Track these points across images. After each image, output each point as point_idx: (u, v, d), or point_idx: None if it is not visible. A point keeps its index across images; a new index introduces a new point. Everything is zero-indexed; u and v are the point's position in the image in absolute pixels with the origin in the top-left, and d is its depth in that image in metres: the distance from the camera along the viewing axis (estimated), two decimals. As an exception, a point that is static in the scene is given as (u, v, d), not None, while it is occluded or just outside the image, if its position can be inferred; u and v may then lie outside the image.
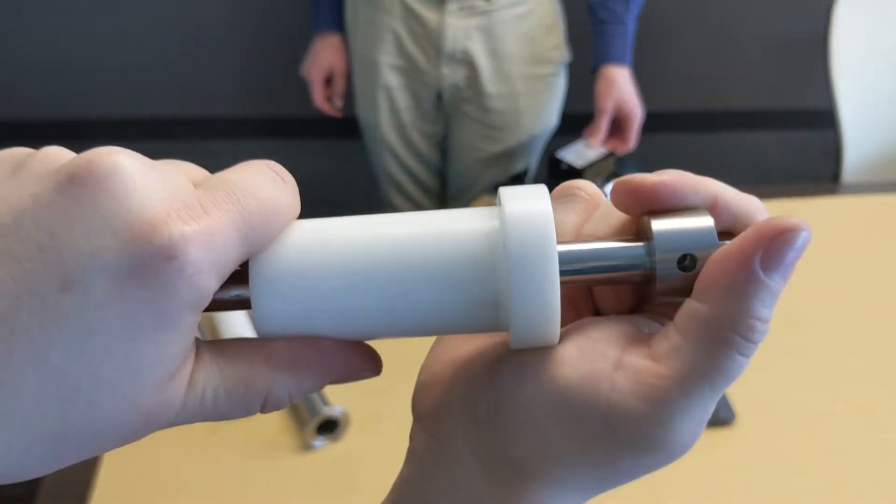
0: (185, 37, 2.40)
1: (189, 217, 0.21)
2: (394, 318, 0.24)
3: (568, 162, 1.12)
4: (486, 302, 0.24)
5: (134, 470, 0.80)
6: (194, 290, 0.20)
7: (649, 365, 0.23)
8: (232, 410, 0.23)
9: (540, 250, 0.23)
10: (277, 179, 0.23)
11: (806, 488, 0.79)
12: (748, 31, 2.54)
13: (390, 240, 0.24)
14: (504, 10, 1.30)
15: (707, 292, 0.23)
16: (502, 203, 0.24)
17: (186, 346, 0.21)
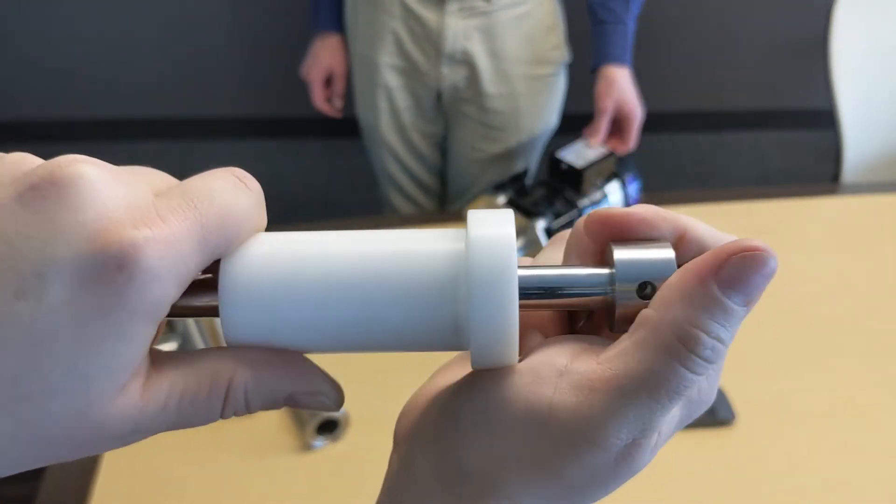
0: (185, 37, 2.40)
1: (144, 225, 0.21)
2: (356, 334, 0.25)
3: (568, 162, 1.12)
4: (448, 322, 0.24)
5: (134, 470, 0.80)
6: (147, 299, 0.21)
7: (593, 367, 0.24)
8: (198, 415, 0.23)
9: (501, 274, 0.23)
10: (239, 184, 0.23)
11: (806, 488, 0.79)
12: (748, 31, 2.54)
13: (358, 257, 0.24)
14: (504, 10, 1.30)
15: (661, 300, 0.23)
16: (468, 226, 0.25)
17: (140, 356, 0.21)
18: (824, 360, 0.96)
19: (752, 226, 1.22)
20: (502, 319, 0.24)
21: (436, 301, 0.24)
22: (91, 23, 2.33)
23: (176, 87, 2.48)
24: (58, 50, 2.36)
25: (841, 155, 1.57)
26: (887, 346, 0.98)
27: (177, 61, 2.43)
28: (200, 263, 0.22)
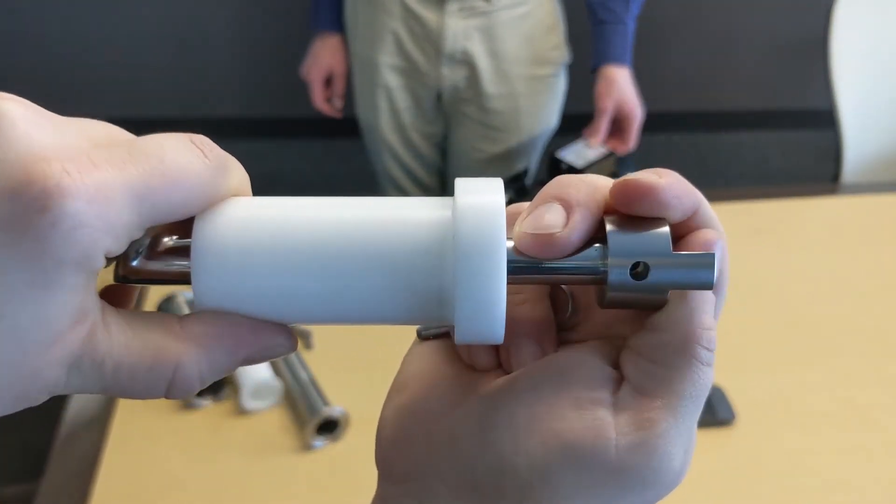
0: (185, 37, 2.40)
1: (74, 169, 0.19)
2: (336, 303, 0.24)
3: (568, 162, 1.12)
4: (432, 292, 0.23)
5: (134, 470, 0.80)
6: (73, 246, 0.19)
7: (641, 400, 0.24)
8: (134, 388, 0.22)
9: (488, 243, 0.22)
10: (194, 150, 0.22)
11: (806, 488, 0.79)
12: (748, 31, 2.54)
13: (339, 221, 0.23)
14: (504, 10, 1.30)
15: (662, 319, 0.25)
16: (456, 193, 0.24)
17: (75, 308, 0.20)
18: (824, 360, 0.95)
19: (752, 226, 1.21)
20: (490, 292, 0.22)
21: (420, 270, 0.23)
22: (91, 23, 2.33)
23: (176, 87, 2.48)
24: (57, 50, 2.36)
25: (841, 155, 1.57)
26: (887, 346, 0.98)
27: (177, 61, 2.43)
28: (138, 221, 0.21)
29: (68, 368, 0.21)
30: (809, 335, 1.00)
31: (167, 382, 0.22)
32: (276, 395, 0.86)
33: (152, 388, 0.22)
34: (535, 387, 0.25)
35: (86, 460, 0.81)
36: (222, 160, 0.23)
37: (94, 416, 0.86)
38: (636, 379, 0.24)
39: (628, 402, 0.24)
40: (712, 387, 0.88)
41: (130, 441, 0.83)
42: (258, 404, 0.86)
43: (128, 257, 0.23)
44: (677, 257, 0.24)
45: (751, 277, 1.09)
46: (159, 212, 0.21)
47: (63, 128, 0.21)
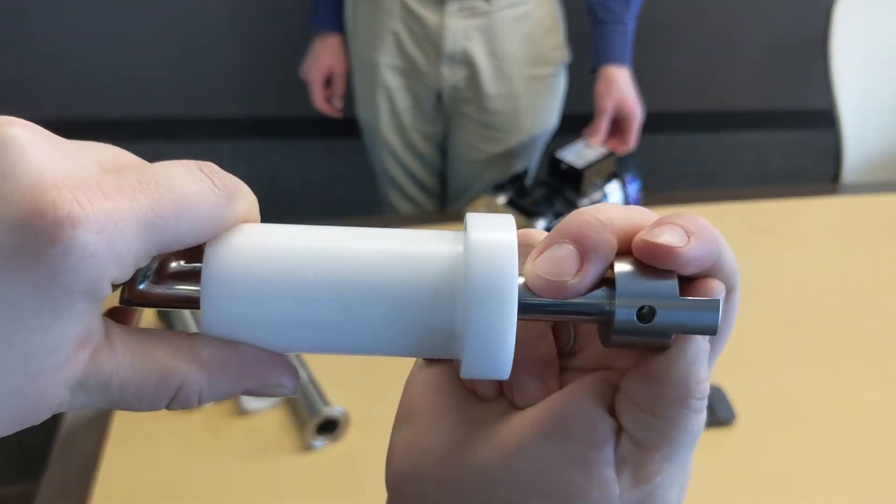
0: (185, 37, 2.40)
1: (84, 199, 0.19)
2: (345, 335, 0.24)
3: (568, 162, 1.12)
4: (441, 328, 0.23)
5: (134, 470, 0.80)
6: (82, 276, 0.19)
7: (640, 453, 0.24)
8: (140, 404, 0.22)
9: (500, 283, 0.23)
10: (203, 178, 0.22)
11: (806, 488, 0.79)
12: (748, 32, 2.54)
13: (350, 254, 0.23)
14: (504, 10, 1.30)
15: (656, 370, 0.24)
16: (467, 229, 0.24)
17: (80, 334, 0.20)
18: (824, 360, 0.95)
19: (752, 226, 1.22)
20: (499, 330, 0.23)
21: (430, 306, 0.23)
22: (91, 23, 2.33)
23: (176, 87, 2.48)
24: (57, 50, 2.36)
25: (841, 155, 1.57)
26: (887, 346, 0.98)
27: (177, 61, 2.43)
28: (146, 250, 0.21)
29: (72, 389, 0.21)
30: (809, 335, 1.00)
31: (170, 398, 0.23)
32: (276, 395, 0.86)
33: (156, 403, 0.23)
34: (541, 446, 0.25)
35: (86, 460, 0.81)
36: (231, 188, 0.23)
37: (94, 416, 0.86)
38: (635, 431, 0.25)
39: (629, 456, 0.24)
40: (712, 387, 0.88)
41: (130, 441, 0.83)
42: (258, 404, 0.86)
43: (134, 281, 0.24)
44: (683, 301, 0.24)
45: (751, 277, 1.09)
46: (167, 240, 0.21)
47: (72, 153, 0.21)
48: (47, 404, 0.21)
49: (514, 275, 0.23)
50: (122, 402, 0.22)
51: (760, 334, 0.99)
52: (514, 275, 0.23)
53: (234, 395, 0.24)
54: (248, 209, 0.24)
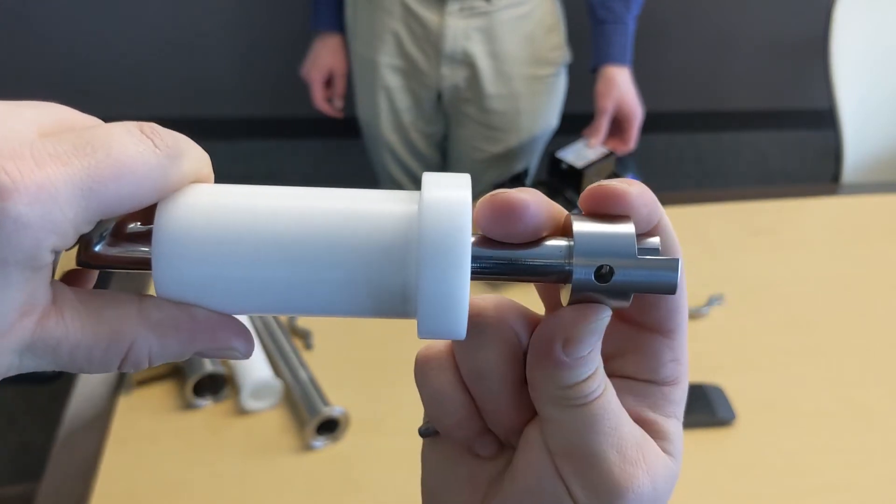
0: (185, 37, 2.40)
1: (14, 169, 0.19)
2: (297, 295, 0.23)
3: (568, 162, 1.12)
4: (396, 288, 0.23)
5: (133, 470, 0.80)
6: (17, 248, 0.19)
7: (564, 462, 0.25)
8: (91, 366, 0.22)
9: (453, 239, 0.22)
10: (144, 139, 0.22)
11: (806, 488, 0.79)
12: (748, 31, 2.54)
13: (303, 213, 0.23)
14: (504, 10, 1.30)
15: (531, 376, 0.25)
16: (423, 188, 0.24)
17: (23, 303, 0.20)
18: (824, 360, 0.96)
19: (752, 226, 1.22)
20: (453, 287, 0.22)
21: (384, 264, 0.23)
22: (90, 23, 2.33)
23: (176, 87, 2.48)
24: (57, 50, 2.36)
25: (841, 155, 1.57)
26: (887, 346, 0.98)
27: (177, 61, 2.43)
28: (84, 216, 0.20)
29: (20, 354, 0.21)
30: (809, 335, 1.00)
31: (120, 360, 0.23)
32: (276, 395, 0.86)
33: (107, 365, 0.23)
34: None
35: (86, 460, 0.81)
36: (175, 147, 0.22)
37: (94, 416, 0.86)
38: (549, 443, 0.25)
39: (562, 468, 0.25)
40: (712, 387, 0.88)
41: (130, 441, 0.83)
42: (258, 404, 0.86)
43: (89, 243, 0.23)
44: (642, 261, 0.23)
45: (750, 277, 1.09)
46: (108, 205, 0.21)
47: (7, 118, 0.20)
48: None
49: (468, 230, 0.22)
50: (72, 365, 0.22)
51: (760, 334, 0.99)
52: (467, 230, 0.22)
53: (185, 357, 0.24)
54: (197, 167, 0.24)
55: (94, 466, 0.80)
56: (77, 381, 0.90)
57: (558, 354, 0.24)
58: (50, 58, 2.36)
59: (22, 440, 1.67)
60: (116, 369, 0.23)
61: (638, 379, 0.27)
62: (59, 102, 0.24)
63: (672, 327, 0.26)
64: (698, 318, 1.01)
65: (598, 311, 0.24)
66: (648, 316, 0.27)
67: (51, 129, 0.22)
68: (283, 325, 0.95)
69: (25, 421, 1.71)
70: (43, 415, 1.71)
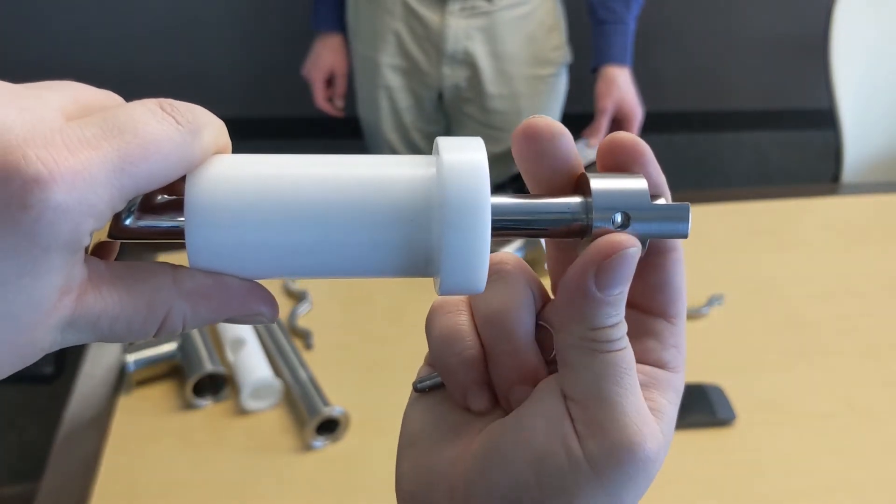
0: (185, 37, 2.40)
1: (49, 157, 0.20)
2: (326, 258, 0.24)
3: (568, 162, 1.12)
4: (419, 246, 0.24)
5: (133, 470, 0.80)
6: (59, 234, 0.20)
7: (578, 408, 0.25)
8: (130, 335, 0.23)
9: (474, 199, 0.23)
10: (166, 116, 0.22)
11: (806, 488, 0.79)
12: (748, 31, 2.54)
13: (329, 177, 0.24)
14: (505, 10, 1.30)
15: (560, 317, 0.26)
16: (440, 152, 0.25)
17: (63, 284, 0.21)
18: (824, 360, 0.95)
19: (752, 226, 1.22)
20: (476, 244, 0.24)
21: (407, 226, 0.24)
22: (91, 23, 2.33)
23: (176, 86, 2.47)
24: (57, 50, 2.36)
25: (841, 155, 1.57)
26: (887, 346, 0.98)
27: (177, 61, 2.43)
28: (119, 196, 0.21)
29: (62, 330, 0.22)
30: (809, 335, 0.99)
31: (157, 328, 0.24)
32: (276, 395, 0.86)
33: (145, 333, 0.23)
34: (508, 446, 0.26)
35: (86, 460, 0.81)
36: (195, 122, 0.23)
37: (94, 416, 0.86)
38: (565, 388, 0.26)
39: (574, 414, 0.26)
40: (712, 387, 0.88)
41: (130, 441, 0.83)
42: (258, 404, 0.86)
43: (119, 217, 0.24)
44: (656, 209, 0.25)
45: (750, 277, 1.09)
46: (140, 183, 0.22)
47: (32, 105, 0.21)
48: (40, 346, 0.21)
49: (487, 191, 0.24)
50: (112, 336, 0.23)
51: (760, 334, 0.99)
52: (486, 191, 0.24)
53: (216, 322, 0.25)
54: (217, 137, 0.25)
55: (94, 466, 0.80)
56: (77, 381, 0.90)
57: (591, 288, 0.25)
58: (48, 56, 2.36)
59: (22, 440, 1.67)
60: (153, 336, 0.24)
61: (642, 362, 0.28)
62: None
63: (674, 313, 0.28)
64: (698, 318, 1.01)
65: (628, 239, 0.25)
66: (654, 300, 0.28)
67: (75, 111, 0.22)
68: (283, 325, 0.95)
69: (25, 421, 1.71)
70: (43, 415, 1.71)
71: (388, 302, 1.04)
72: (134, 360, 0.87)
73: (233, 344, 0.90)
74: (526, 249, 1.05)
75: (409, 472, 0.28)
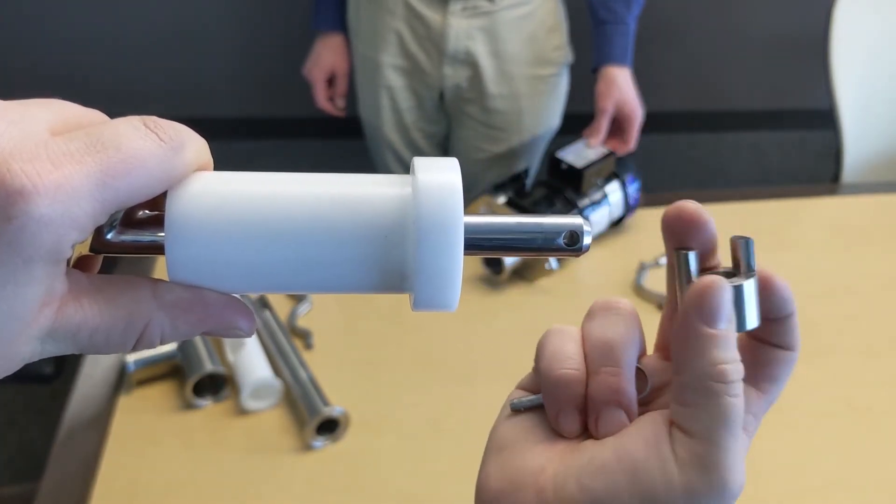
0: (185, 37, 2.40)
1: (33, 171, 0.20)
2: (303, 275, 0.25)
3: (568, 162, 1.12)
4: (394, 264, 0.25)
5: (133, 470, 0.80)
6: (40, 246, 0.20)
7: (686, 440, 0.27)
8: (108, 347, 0.24)
9: (449, 220, 0.24)
10: (149, 133, 0.23)
11: (806, 488, 0.79)
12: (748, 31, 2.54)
13: (306, 197, 0.25)
14: (507, 10, 1.30)
15: (678, 363, 0.28)
16: (415, 172, 0.25)
17: (44, 294, 0.21)
18: (824, 360, 0.95)
19: (752, 226, 1.22)
20: (449, 263, 0.25)
21: (383, 244, 0.25)
22: (90, 22, 2.33)
23: (176, 86, 2.48)
24: (56, 49, 2.36)
25: (841, 155, 1.57)
26: (887, 346, 0.98)
27: (177, 61, 2.43)
28: (102, 210, 0.22)
29: (42, 340, 0.22)
30: (809, 335, 0.99)
31: (136, 340, 0.24)
32: (276, 395, 0.86)
33: (124, 346, 0.24)
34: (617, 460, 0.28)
35: (86, 460, 0.81)
36: (178, 139, 0.24)
37: (94, 416, 0.86)
38: (678, 421, 0.28)
39: (678, 445, 0.27)
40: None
41: (130, 441, 0.83)
42: (258, 404, 0.86)
43: (101, 231, 0.25)
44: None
45: (751, 277, 1.09)
46: (122, 198, 0.22)
47: (18, 120, 0.21)
48: (20, 357, 0.22)
49: (460, 211, 0.25)
50: (91, 348, 0.23)
51: (760, 334, 0.99)
52: (459, 211, 0.25)
53: (193, 335, 0.25)
54: (198, 155, 0.25)
55: (94, 466, 0.80)
56: (77, 381, 0.90)
57: (699, 326, 0.27)
58: (48, 57, 2.36)
59: (22, 440, 1.67)
60: (131, 350, 0.24)
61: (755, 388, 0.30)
62: (58, 101, 0.24)
63: (771, 381, 0.31)
64: (698, 318, 1.01)
65: (716, 279, 0.27)
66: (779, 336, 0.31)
67: (60, 127, 0.23)
68: (283, 325, 0.95)
69: (25, 421, 1.71)
70: (43, 415, 1.71)
71: (388, 302, 1.04)
72: (134, 360, 0.87)
73: (233, 344, 0.90)
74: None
75: (495, 473, 0.30)
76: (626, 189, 1.15)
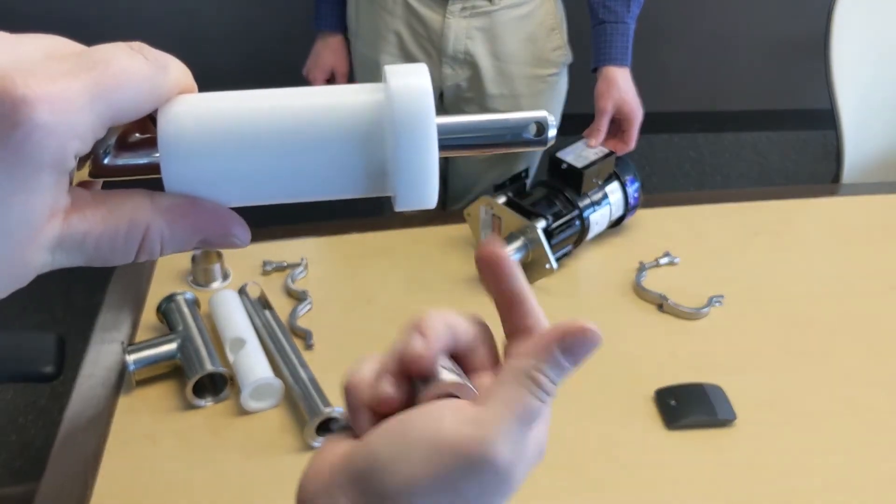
0: (185, 36, 2.40)
1: (33, 82, 0.21)
2: (290, 180, 0.27)
3: (568, 162, 1.12)
4: (375, 164, 0.27)
5: (134, 470, 0.80)
6: (48, 153, 0.22)
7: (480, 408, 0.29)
8: (114, 255, 0.25)
9: (422, 118, 0.26)
10: (135, 54, 0.24)
11: (806, 488, 0.79)
12: (748, 32, 2.54)
13: (289, 109, 0.26)
14: (506, 10, 1.30)
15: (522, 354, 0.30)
16: (387, 78, 0.27)
17: (52, 204, 0.23)
18: (824, 360, 0.95)
19: (752, 226, 1.22)
20: (425, 162, 0.26)
21: (362, 146, 0.26)
22: (90, 22, 2.33)
23: (176, 87, 2.48)
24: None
25: (841, 155, 1.57)
26: (887, 346, 0.98)
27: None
28: (99, 121, 0.23)
29: (52, 251, 0.24)
30: (809, 335, 1.00)
31: (138, 246, 0.25)
32: (276, 395, 0.86)
33: (127, 253, 0.25)
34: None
35: (86, 460, 0.81)
36: (162, 60, 0.25)
37: (94, 416, 0.86)
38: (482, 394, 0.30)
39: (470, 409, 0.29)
40: (712, 386, 0.88)
41: (130, 441, 0.83)
42: (258, 404, 0.86)
43: (98, 156, 0.26)
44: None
45: (751, 277, 1.09)
46: (115, 110, 0.24)
47: (16, 44, 0.23)
48: (33, 266, 0.23)
49: (431, 110, 0.26)
50: (97, 258, 0.25)
51: (760, 334, 0.99)
52: (431, 110, 0.26)
53: (192, 246, 0.27)
54: (182, 77, 0.27)
55: (94, 466, 0.80)
56: (77, 381, 0.90)
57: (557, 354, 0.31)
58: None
59: (22, 440, 1.67)
60: (134, 258, 0.26)
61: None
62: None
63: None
64: (698, 318, 1.01)
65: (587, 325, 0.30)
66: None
67: (52, 53, 0.24)
68: (284, 325, 0.95)
69: (25, 421, 1.71)
70: (43, 415, 1.71)
71: (388, 302, 1.04)
72: (134, 360, 0.87)
73: (233, 344, 0.90)
74: (526, 251, 1.05)
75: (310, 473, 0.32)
76: (626, 189, 1.15)
